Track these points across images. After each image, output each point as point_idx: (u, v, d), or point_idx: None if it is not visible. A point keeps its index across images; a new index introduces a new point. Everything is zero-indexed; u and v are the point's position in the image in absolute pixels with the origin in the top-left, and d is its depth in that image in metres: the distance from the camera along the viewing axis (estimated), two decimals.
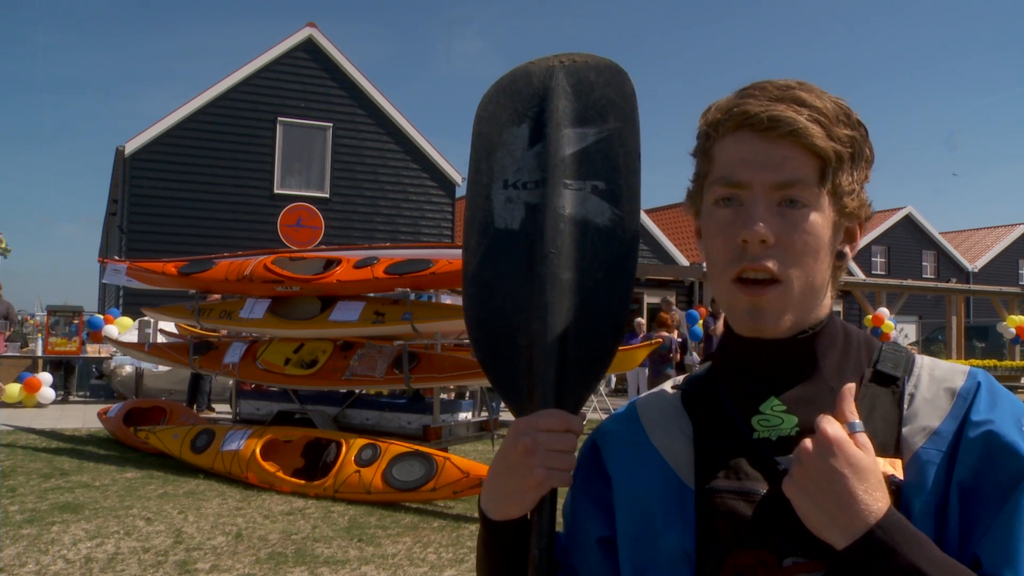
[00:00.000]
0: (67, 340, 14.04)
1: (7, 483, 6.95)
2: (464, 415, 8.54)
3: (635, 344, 9.12)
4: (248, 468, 7.13)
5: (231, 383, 9.56)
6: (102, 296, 27.02)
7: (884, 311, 16.42)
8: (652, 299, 19.08)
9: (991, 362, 17.43)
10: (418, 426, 7.63)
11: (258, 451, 7.21)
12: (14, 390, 12.59)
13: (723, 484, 0.92)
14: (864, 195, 0.96)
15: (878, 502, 0.80)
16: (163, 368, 12.67)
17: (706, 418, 0.99)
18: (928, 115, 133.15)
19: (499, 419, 9.04)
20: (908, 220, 34.48)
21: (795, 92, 0.91)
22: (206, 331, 9.32)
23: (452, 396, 10.01)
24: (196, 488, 6.95)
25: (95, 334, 14.09)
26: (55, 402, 13.19)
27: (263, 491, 6.86)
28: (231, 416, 9.31)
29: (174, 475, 7.42)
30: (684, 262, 22.61)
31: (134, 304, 15.12)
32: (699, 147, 0.98)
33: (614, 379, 16.84)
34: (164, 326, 11.94)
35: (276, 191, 18.96)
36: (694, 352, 13.72)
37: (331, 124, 19.49)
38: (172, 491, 6.83)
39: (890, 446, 0.88)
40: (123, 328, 14.16)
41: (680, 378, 1.08)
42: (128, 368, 13.74)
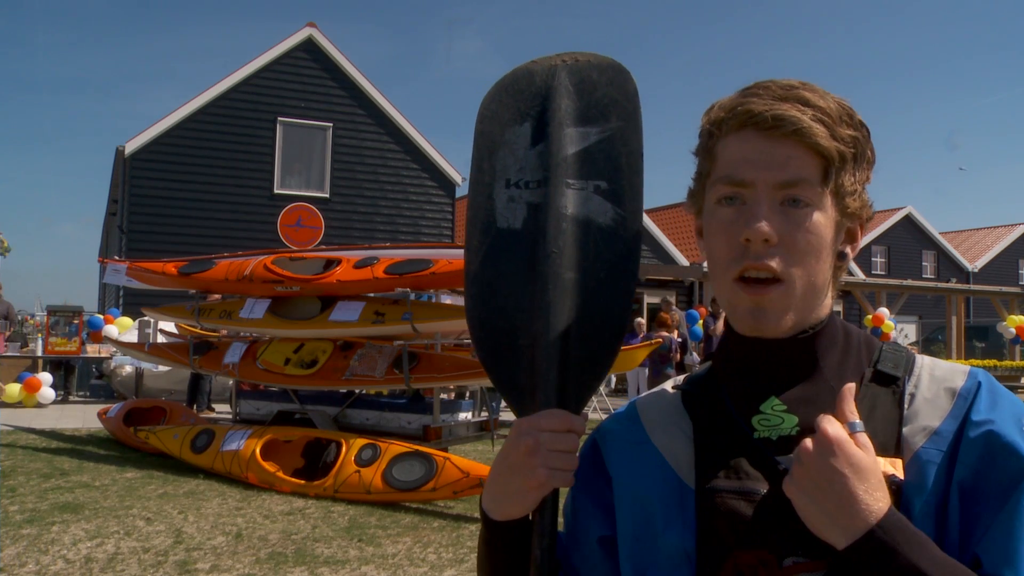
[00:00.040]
0: (67, 340, 14.04)
1: (7, 483, 6.95)
2: (464, 415, 8.54)
3: (635, 344, 9.11)
4: (248, 468, 7.13)
5: (231, 383, 9.55)
6: (102, 296, 27.02)
7: (884, 311, 16.43)
8: (652, 299, 19.08)
9: (991, 362, 17.44)
10: (418, 426, 7.63)
11: (258, 451, 7.21)
12: (14, 390, 12.58)
13: (723, 484, 0.92)
14: (866, 196, 0.96)
15: (879, 502, 0.80)
16: (163, 368, 12.67)
17: (706, 418, 0.99)
18: (928, 115, 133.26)
19: (499, 419, 9.04)
20: (908, 220, 34.47)
21: (799, 92, 0.91)
22: (206, 331, 9.32)
23: (452, 396, 10.01)
24: (196, 488, 6.95)
25: (95, 334, 14.09)
26: (55, 402, 13.18)
27: (263, 491, 6.86)
28: (231, 416, 9.31)
29: (174, 475, 7.42)
30: (684, 262, 22.60)
31: (134, 304, 15.12)
32: (701, 145, 0.98)
33: (614, 379, 16.84)
34: (164, 326, 11.94)
35: (276, 191, 18.96)
36: (694, 352, 13.72)
37: (331, 124, 19.49)
38: (172, 491, 6.83)
39: (890, 446, 0.88)
40: (123, 328, 14.16)
41: (680, 378, 1.08)
42: (128, 368, 13.74)
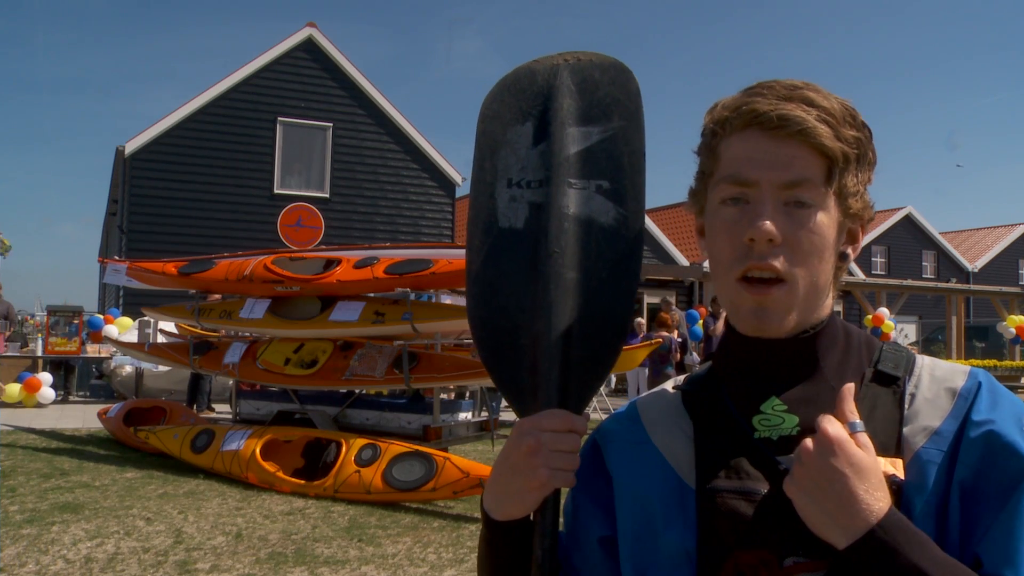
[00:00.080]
0: (67, 340, 14.04)
1: (7, 483, 6.95)
2: (464, 415, 8.54)
3: (635, 344, 9.11)
4: (248, 468, 7.13)
5: (231, 383, 9.55)
6: (102, 296, 27.02)
7: (884, 311, 16.43)
8: (652, 299, 19.08)
9: (991, 362, 17.44)
10: (418, 426, 7.63)
11: (258, 451, 7.21)
12: (14, 390, 12.58)
13: (724, 484, 0.92)
14: (867, 197, 0.96)
15: (879, 502, 0.80)
16: (163, 368, 12.67)
17: (707, 418, 0.98)
18: (928, 115, 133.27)
19: (499, 419, 9.04)
20: (908, 220, 34.46)
21: (803, 92, 0.91)
22: (206, 331, 9.32)
23: (452, 396, 10.01)
24: (196, 488, 6.95)
25: (95, 334, 14.09)
26: (55, 402, 13.18)
27: (263, 491, 6.85)
28: (231, 416, 9.31)
29: (174, 475, 7.41)
30: (684, 262, 22.59)
31: (134, 304, 15.12)
32: (704, 144, 0.98)
33: (614, 379, 16.83)
34: (164, 326, 11.93)
35: (276, 191, 18.96)
36: (694, 352, 13.72)
37: (331, 124, 19.48)
38: (172, 491, 6.83)
39: (891, 446, 0.88)
40: (123, 328, 14.16)
41: (681, 378, 1.08)
42: (128, 368, 13.74)
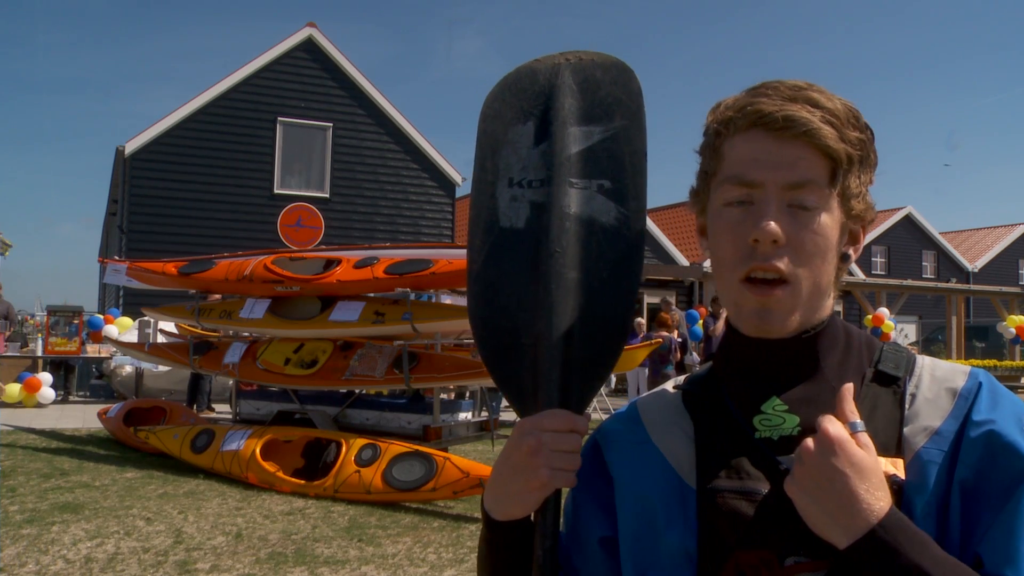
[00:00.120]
0: (67, 340, 14.04)
1: (7, 483, 6.95)
2: (464, 415, 8.54)
3: (635, 344, 9.11)
4: (248, 468, 7.13)
5: (231, 383, 9.55)
6: (102, 296, 27.02)
7: (884, 311, 16.43)
8: (652, 299, 19.08)
9: (991, 362, 17.44)
10: (418, 426, 7.63)
11: (258, 451, 7.21)
12: (14, 390, 12.58)
13: (725, 484, 0.92)
14: (869, 198, 0.96)
15: (880, 501, 0.80)
16: (163, 368, 12.67)
17: (707, 418, 0.98)
18: (928, 115, 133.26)
19: (499, 419, 9.04)
20: (908, 220, 34.47)
21: (807, 93, 0.91)
22: (206, 331, 9.32)
23: (452, 396, 10.01)
24: (196, 488, 6.95)
25: (95, 334, 14.09)
26: (55, 402, 13.18)
27: (263, 491, 6.85)
28: (231, 416, 9.31)
29: (174, 475, 7.41)
30: (684, 262, 22.60)
31: (134, 304, 15.12)
32: (707, 144, 0.97)
33: (614, 379, 16.83)
34: (164, 326, 11.93)
35: (276, 191, 18.96)
36: (694, 352, 13.72)
37: (331, 124, 19.48)
38: (172, 491, 6.82)
39: (892, 446, 0.88)
40: (123, 328, 14.16)
41: (681, 378, 1.07)
42: (128, 368, 13.74)
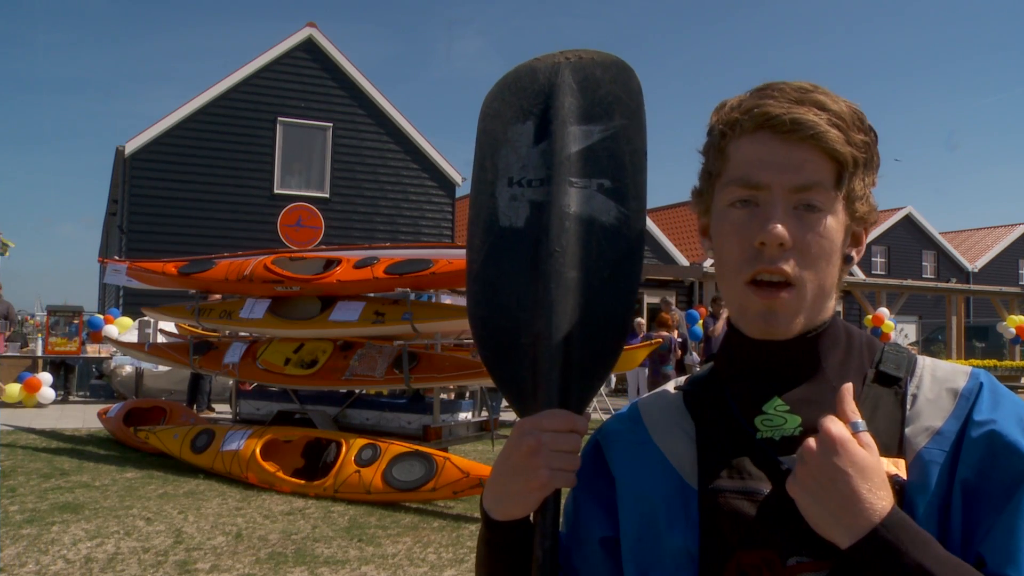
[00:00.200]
0: (67, 340, 14.04)
1: (7, 483, 6.95)
2: (464, 415, 8.54)
3: (635, 344, 9.11)
4: (248, 468, 7.13)
5: (231, 383, 9.55)
6: (102, 296, 27.02)
7: (884, 311, 16.42)
8: (652, 299, 19.08)
9: (991, 362, 17.42)
10: (418, 426, 7.63)
11: (258, 451, 7.21)
12: (14, 390, 12.58)
13: (726, 484, 0.92)
14: (872, 200, 0.96)
15: (882, 501, 0.80)
16: (163, 368, 12.67)
17: (709, 418, 0.98)
18: (928, 115, 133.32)
19: (499, 419, 9.04)
20: (908, 220, 34.46)
21: (814, 95, 0.91)
22: (206, 331, 9.31)
23: (452, 396, 10.01)
24: (196, 488, 6.95)
25: (95, 334, 14.09)
26: (55, 402, 13.18)
27: (263, 491, 6.85)
28: (231, 416, 9.31)
29: (174, 475, 7.41)
30: (684, 262, 22.60)
31: (134, 304, 15.12)
32: (711, 144, 0.97)
33: (614, 379, 16.84)
34: (164, 326, 11.93)
35: (276, 191, 18.96)
36: (694, 352, 13.72)
37: (331, 124, 19.48)
38: (172, 491, 6.82)
39: (893, 446, 0.88)
40: (123, 328, 14.15)
41: (682, 379, 1.08)
42: (128, 368, 13.74)
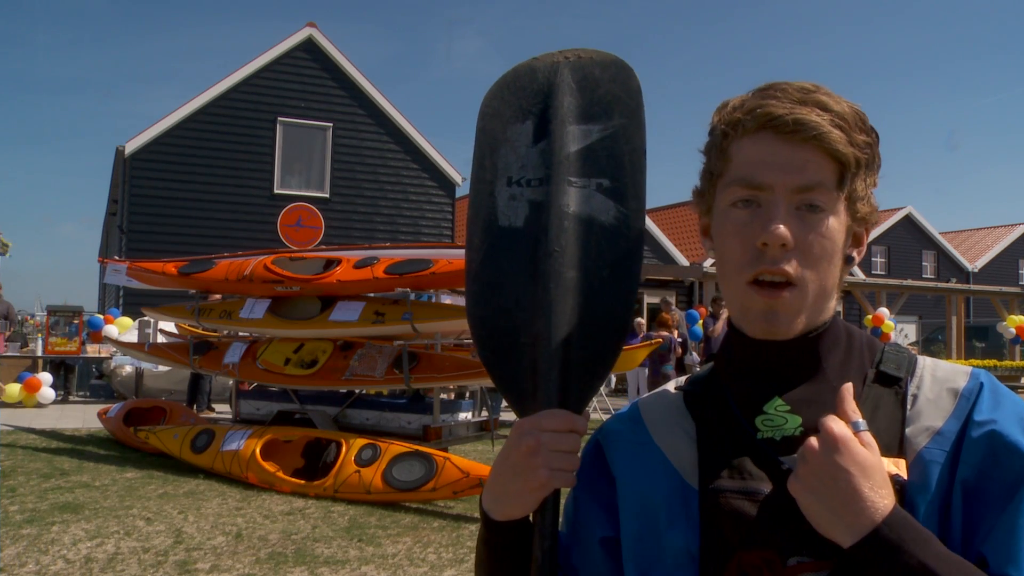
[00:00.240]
0: (67, 340, 14.05)
1: (7, 483, 6.95)
2: (464, 415, 8.53)
3: (635, 344, 9.11)
4: (248, 468, 7.13)
5: (231, 383, 9.56)
6: (102, 296, 27.02)
7: (884, 311, 16.41)
8: (652, 299, 19.08)
9: (991, 362, 17.40)
10: (418, 426, 7.62)
11: (258, 451, 7.21)
12: (14, 390, 12.58)
13: (727, 484, 0.92)
14: (874, 200, 0.96)
15: (884, 499, 0.80)
16: (163, 368, 12.66)
17: (709, 418, 0.98)
18: (928, 115, 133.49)
19: (499, 419, 9.04)
20: (908, 220, 34.44)
21: (816, 96, 0.91)
22: (206, 331, 9.31)
23: (452, 396, 10.01)
24: (196, 488, 6.95)
25: (95, 334, 14.09)
26: (55, 402, 13.17)
27: (263, 491, 6.85)
28: (231, 416, 9.30)
29: (174, 475, 7.41)
30: (684, 262, 22.59)
31: (134, 304, 15.12)
32: (713, 144, 0.97)
33: (614, 379, 16.83)
34: (164, 326, 11.93)
35: (276, 191, 18.96)
36: (694, 352, 13.71)
37: (331, 124, 19.48)
38: (172, 491, 6.82)
39: (894, 446, 0.88)
40: (123, 328, 14.15)
41: (682, 379, 1.08)
42: (128, 368, 13.74)
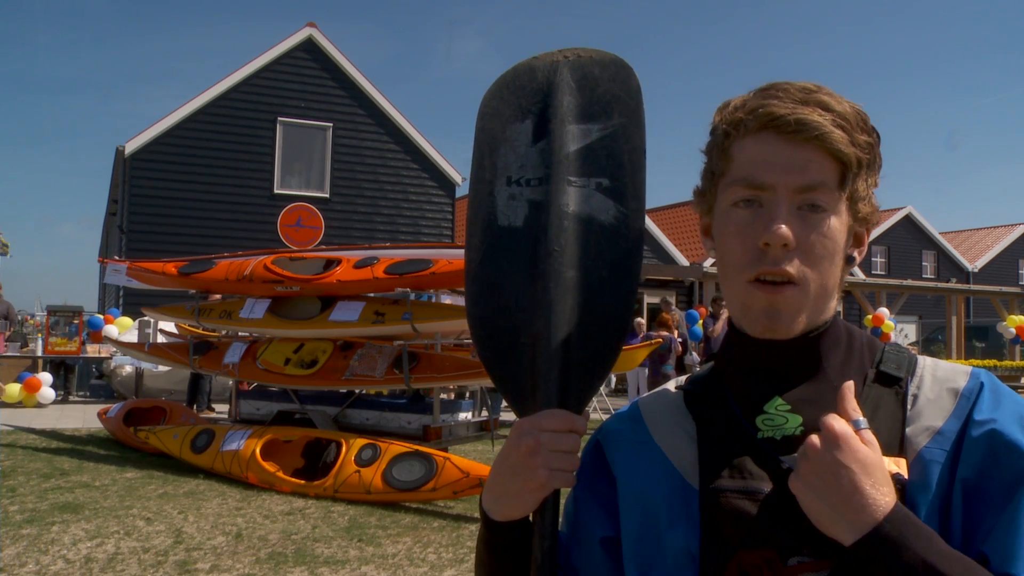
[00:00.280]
0: (67, 340, 14.05)
1: (7, 483, 6.95)
2: (464, 415, 8.53)
3: (635, 344, 9.10)
4: (248, 468, 7.12)
5: (231, 383, 9.56)
6: (102, 296, 27.03)
7: (884, 311, 16.40)
8: (652, 299, 19.08)
9: (991, 362, 17.39)
10: (418, 426, 7.62)
11: (258, 451, 7.21)
12: (14, 390, 12.58)
13: (727, 483, 0.92)
14: (875, 200, 0.96)
15: (885, 496, 0.80)
16: (163, 368, 12.66)
17: (710, 418, 0.98)
18: (928, 115, 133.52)
19: (499, 419, 9.04)
20: (908, 220, 34.44)
21: (818, 96, 0.91)
22: (206, 331, 9.31)
23: (452, 396, 10.01)
24: (196, 488, 6.95)
25: (95, 334, 14.09)
26: (55, 402, 13.17)
27: (263, 491, 6.85)
28: (228, 416, 9.30)
29: (174, 475, 7.41)
30: (684, 262, 22.59)
31: (134, 304, 15.12)
32: (715, 144, 0.97)
33: (614, 379, 16.84)
34: (164, 326, 11.93)
35: (276, 191, 18.96)
36: (694, 352, 13.71)
37: (331, 124, 19.48)
38: (172, 491, 6.82)
39: (894, 446, 0.88)
40: (123, 328, 14.15)
41: (683, 378, 1.07)
42: (128, 368, 13.73)
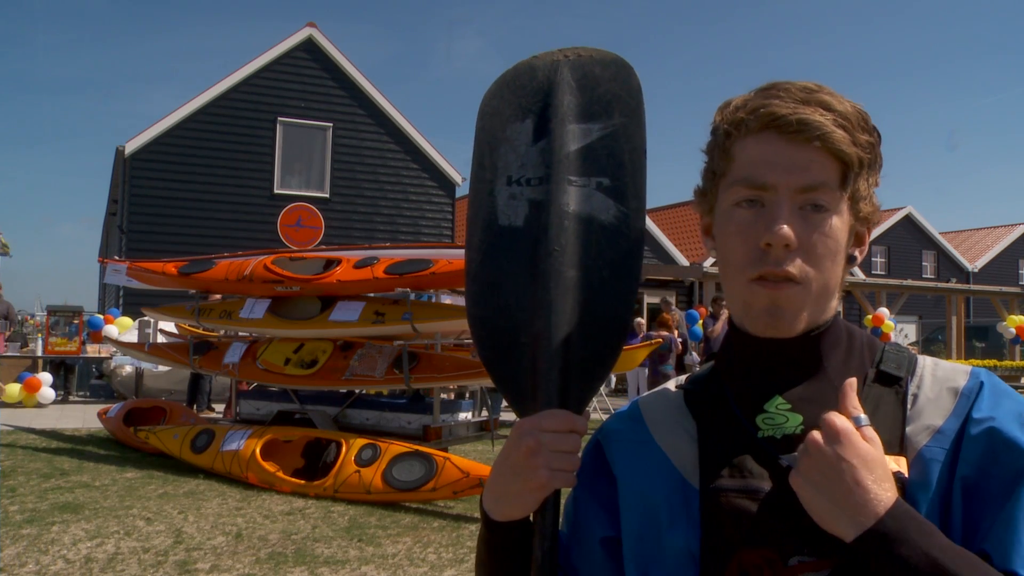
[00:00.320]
0: (67, 340, 14.04)
1: (7, 483, 6.95)
2: (464, 415, 8.53)
3: (635, 344, 9.10)
4: (248, 468, 7.13)
5: (231, 383, 9.55)
6: (102, 296, 27.03)
7: (884, 311, 16.41)
8: (652, 299, 19.08)
9: (991, 362, 17.41)
10: (418, 426, 7.62)
11: (258, 451, 7.21)
12: (14, 390, 12.58)
13: (728, 483, 0.92)
14: (876, 200, 0.96)
15: (886, 492, 0.80)
16: (163, 368, 12.66)
17: (710, 417, 0.98)
18: (928, 115, 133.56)
19: (499, 419, 9.04)
20: (908, 220, 34.43)
21: (819, 95, 0.91)
22: (206, 331, 9.31)
23: (452, 396, 10.00)
24: (196, 488, 6.95)
25: (95, 334, 14.09)
26: (55, 402, 13.18)
27: (263, 491, 6.85)
28: (224, 416, 9.30)
29: (174, 475, 7.41)
30: (684, 262, 22.59)
31: (134, 304, 15.12)
32: (716, 144, 0.97)
33: (614, 379, 16.84)
34: (164, 326, 11.93)
35: (276, 191, 18.96)
36: (694, 352, 13.71)
37: (331, 124, 19.48)
38: (172, 491, 6.82)
39: (894, 445, 0.88)
40: (123, 328, 14.15)
41: (683, 377, 1.07)
42: (128, 368, 13.73)
